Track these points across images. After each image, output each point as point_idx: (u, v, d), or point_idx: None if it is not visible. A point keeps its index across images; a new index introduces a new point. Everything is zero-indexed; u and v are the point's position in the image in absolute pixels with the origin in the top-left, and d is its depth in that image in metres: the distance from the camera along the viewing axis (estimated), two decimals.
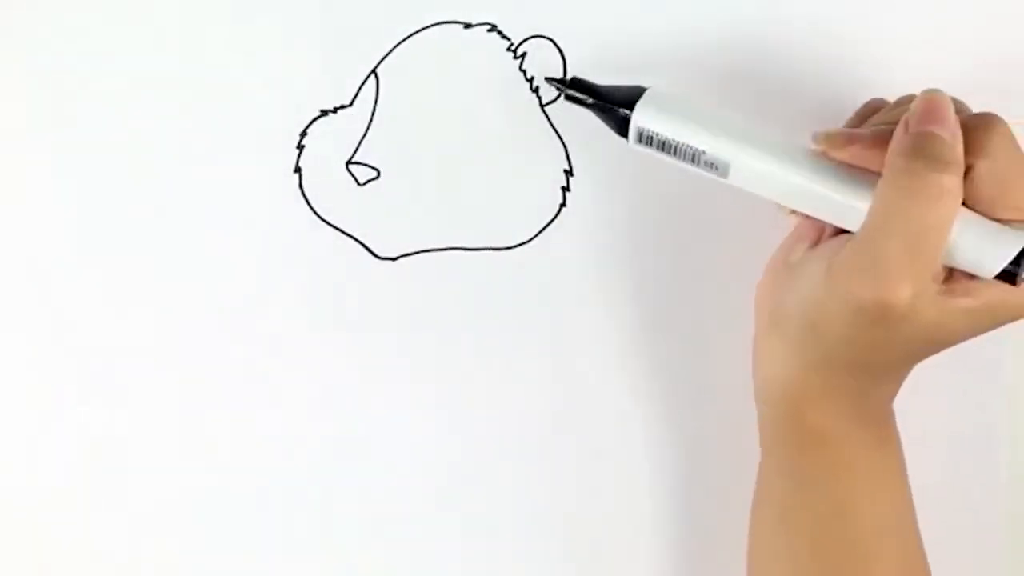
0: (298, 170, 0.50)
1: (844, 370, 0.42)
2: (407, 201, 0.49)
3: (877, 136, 0.41)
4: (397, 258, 0.50)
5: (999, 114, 0.41)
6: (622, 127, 0.44)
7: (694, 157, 0.43)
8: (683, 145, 0.43)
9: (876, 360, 0.42)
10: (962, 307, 0.40)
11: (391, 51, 0.49)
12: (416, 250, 0.50)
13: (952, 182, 0.38)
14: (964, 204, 0.40)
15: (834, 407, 0.43)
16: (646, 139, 0.43)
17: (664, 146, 0.43)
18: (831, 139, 0.41)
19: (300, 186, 0.50)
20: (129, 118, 0.49)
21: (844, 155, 0.41)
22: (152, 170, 0.50)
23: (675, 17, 0.49)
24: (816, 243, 0.44)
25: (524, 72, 0.49)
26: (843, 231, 0.42)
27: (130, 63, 0.49)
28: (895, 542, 0.44)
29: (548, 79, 0.47)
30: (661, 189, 0.49)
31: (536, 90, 0.49)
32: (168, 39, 0.49)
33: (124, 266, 0.50)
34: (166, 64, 0.49)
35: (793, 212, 0.43)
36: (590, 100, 0.45)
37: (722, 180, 0.43)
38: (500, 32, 0.49)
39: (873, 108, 0.46)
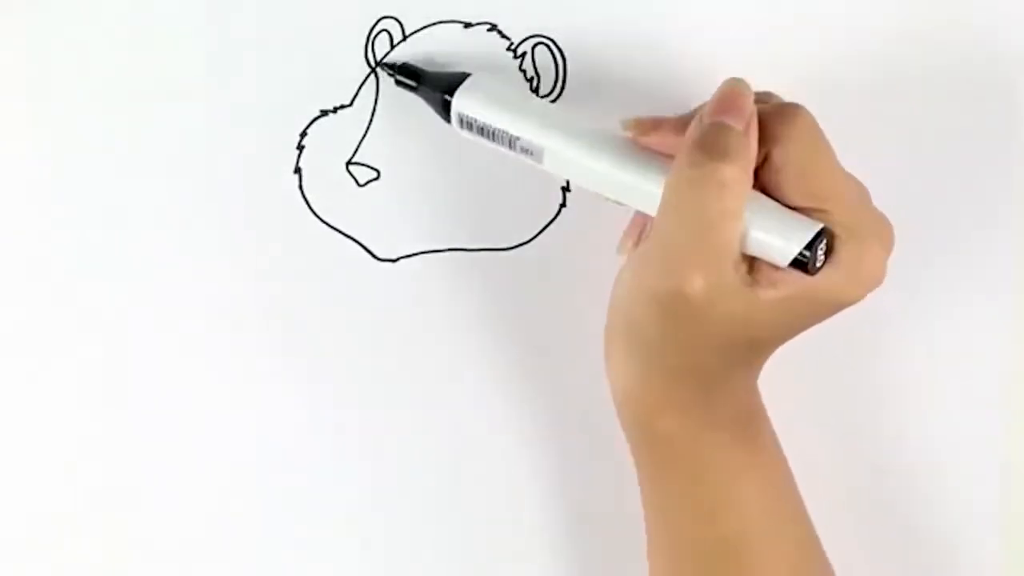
0: (298, 170, 0.50)
1: (671, 374, 0.42)
2: (407, 201, 0.49)
3: (683, 121, 0.41)
4: (397, 259, 0.50)
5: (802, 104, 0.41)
6: (446, 112, 0.45)
7: (510, 142, 0.44)
8: (499, 131, 0.44)
9: (694, 360, 0.42)
10: (768, 298, 0.40)
11: (391, 50, 0.49)
12: (416, 251, 0.50)
13: (733, 172, 0.38)
14: (765, 193, 0.40)
15: (677, 412, 0.43)
16: (466, 124, 0.45)
17: (483, 131, 0.45)
18: (639, 124, 0.42)
19: (300, 187, 0.50)
20: (128, 118, 0.49)
21: (651, 141, 0.41)
22: (152, 170, 0.50)
23: (675, 17, 0.49)
24: (636, 240, 0.44)
25: (524, 72, 0.49)
26: None
27: (130, 63, 0.49)
28: (777, 540, 0.44)
29: (381, 64, 0.48)
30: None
31: (536, 90, 0.49)
32: (168, 39, 0.49)
33: (123, 266, 0.50)
34: (166, 64, 0.49)
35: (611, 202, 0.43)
36: (415, 84, 0.47)
37: (539, 166, 0.44)
38: (500, 32, 0.49)
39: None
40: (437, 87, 0.46)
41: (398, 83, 0.47)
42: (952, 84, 0.49)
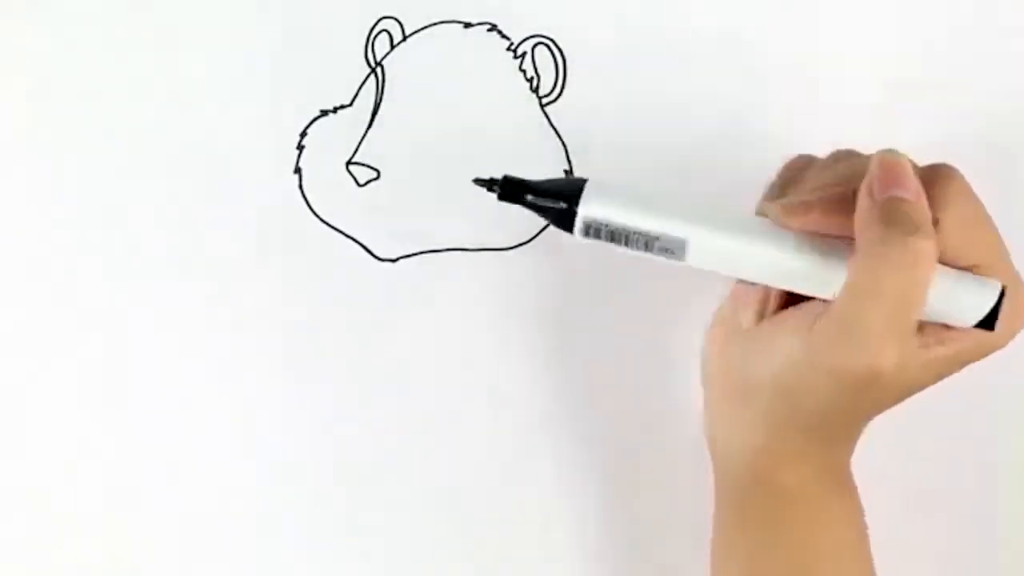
0: (298, 171, 0.50)
1: (817, 433, 0.43)
2: (407, 201, 0.49)
3: (832, 202, 0.41)
4: (397, 259, 0.50)
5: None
6: (565, 221, 0.41)
7: (647, 244, 0.41)
8: (635, 233, 0.41)
9: (853, 421, 0.43)
10: (938, 356, 0.40)
11: (391, 51, 0.49)
12: (416, 251, 0.50)
13: (926, 244, 0.38)
14: None
15: (804, 467, 0.43)
16: (594, 231, 0.41)
17: (614, 236, 0.41)
18: (788, 210, 0.41)
19: (300, 187, 0.50)
20: (128, 119, 0.49)
21: (801, 223, 0.41)
22: (152, 170, 0.50)
23: (675, 16, 0.49)
24: (760, 310, 0.44)
25: (524, 72, 0.49)
26: (791, 296, 0.42)
27: (130, 63, 0.49)
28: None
29: (477, 180, 0.43)
30: (661, 190, 0.49)
31: (536, 90, 0.49)
32: (168, 39, 0.49)
33: (123, 266, 0.50)
34: (166, 64, 0.49)
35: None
36: (529, 199, 0.42)
37: (678, 263, 0.41)
38: (500, 32, 0.49)
39: (799, 167, 0.45)
40: (553, 197, 0.41)
41: (501, 198, 0.42)
42: None
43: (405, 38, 0.49)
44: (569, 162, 0.49)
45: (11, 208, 0.50)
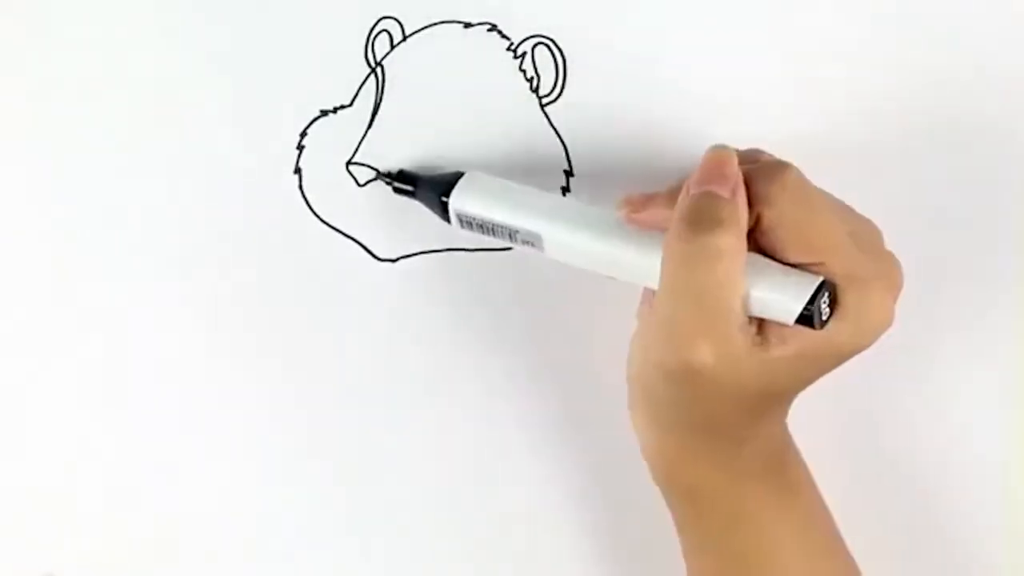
0: (298, 171, 0.50)
1: (689, 432, 0.43)
2: (407, 201, 0.49)
3: (672, 195, 0.41)
4: (397, 259, 0.50)
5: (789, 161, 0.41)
6: (445, 212, 0.46)
7: (511, 235, 0.45)
8: (498, 225, 0.45)
9: (713, 420, 0.42)
10: (778, 356, 0.40)
11: (391, 51, 0.49)
12: (416, 251, 0.50)
13: (727, 241, 0.38)
14: (761, 253, 0.40)
15: (700, 465, 0.43)
16: (466, 223, 0.46)
17: (483, 227, 0.45)
18: (630, 202, 0.42)
19: (300, 187, 0.50)
20: (128, 119, 0.49)
21: (644, 217, 0.42)
22: (152, 170, 0.50)
23: (675, 16, 0.49)
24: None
25: (524, 72, 0.49)
26: None
27: (129, 63, 0.49)
28: None
29: (379, 173, 0.49)
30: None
31: (536, 90, 0.49)
32: (168, 39, 0.49)
33: (123, 266, 0.50)
34: (166, 64, 0.49)
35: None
36: (412, 190, 0.47)
37: (542, 254, 0.44)
38: (500, 32, 0.49)
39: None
40: (433, 190, 0.46)
41: (396, 190, 0.48)
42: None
43: (405, 38, 0.49)
44: (569, 162, 0.49)
45: (11, 208, 0.50)
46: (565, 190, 0.49)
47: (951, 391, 0.51)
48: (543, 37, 0.49)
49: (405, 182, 0.48)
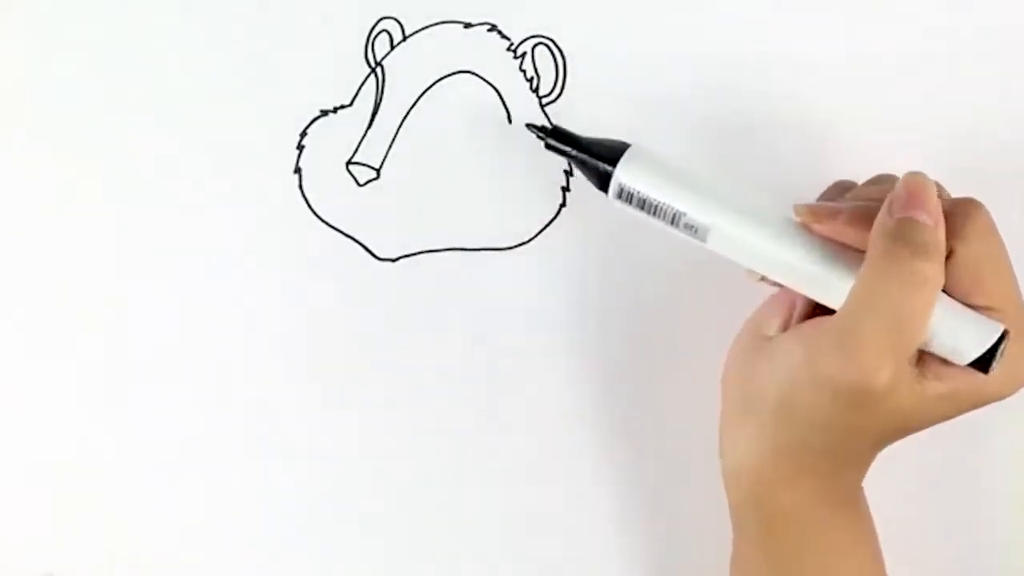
0: (298, 170, 0.50)
1: (816, 453, 0.42)
2: (407, 201, 0.49)
3: (859, 213, 0.41)
4: (397, 259, 0.50)
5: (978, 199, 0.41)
6: (603, 182, 0.43)
7: (674, 218, 0.42)
8: (664, 205, 0.42)
9: (849, 445, 0.42)
10: (934, 392, 0.40)
11: (391, 51, 0.49)
12: (416, 251, 0.50)
13: (933, 270, 0.38)
14: (944, 289, 0.40)
15: (804, 488, 0.43)
16: (626, 196, 0.42)
17: (644, 205, 0.42)
18: (814, 212, 0.41)
19: (300, 187, 0.50)
20: (129, 119, 0.50)
21: (825, 229, 0.41)
22: (152, 170, 0.50)
23: (675, 16, 0.49)
24: (787, 319, 0.44)
25: (524, 72, 0.49)
26: (818, 308, 0.42)
27: (130, 63, 0.49)
28: None
29: (529, 125, 0.45)
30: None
31: (536, 90, 0.49)
32: (168, 40, 0.49)
33: (123, 267, 0.50)
34: (166, 65, 0.49)
35: (763, 279, 0.43)
36: (572, 152, 0.44)
37: (700, 244, 0.42)
38: (500, 32, 0.49)
39: (842, 188, 0.46)
40: (597, 156, 0.43)
41: (548, 147, 0.44)
42: None
43: (405, 38, 0.49)
44: (569, 162, 0.49)
45: (11, 208, 0.50)
46: (565, 190, 0.49)
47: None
48: (543, 37, 0.49)
49: (562, 141, 0.44)
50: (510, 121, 0.49)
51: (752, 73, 0.49)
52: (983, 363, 0.39)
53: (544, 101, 0.49)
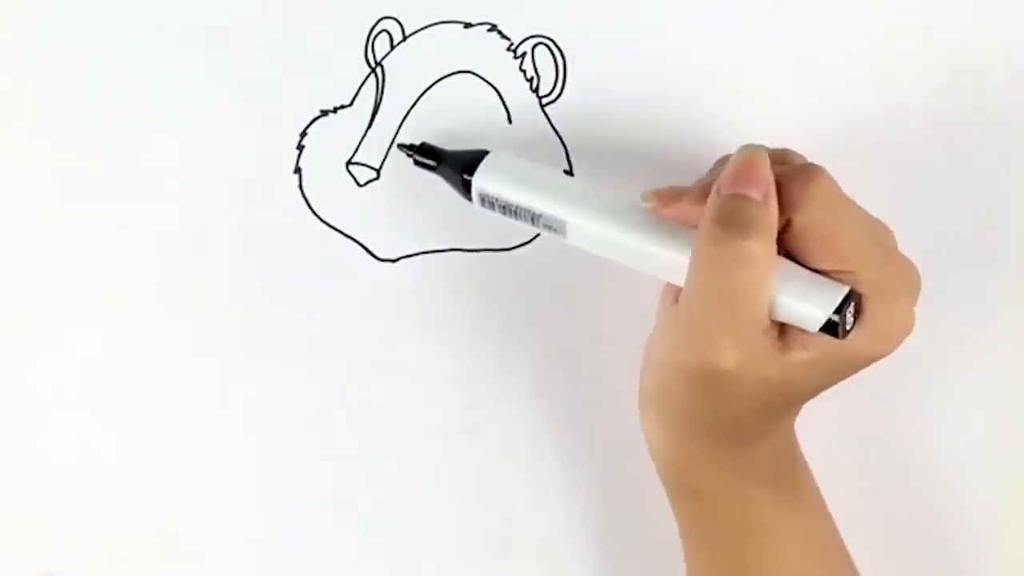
0: (298, 170, 0.50)
1: (704, 434, 0.42)
2: (407, 202, 0.49)
3: (702, 191, 0.40)
4: (397, 259, 0.50)
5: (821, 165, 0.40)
6: (467, 191, 0.45)
7: (533, 219, 0.44)
8: (521, 208, 0.44)
9: (730, 424, 0.42)
10: (801, 360, 0.40)
11: (391, 51, 0.49)
12: (416, 251, 0.50)
13: (758, 246, 0.38)
14: (790, 257, 0.40)
15: (710, 469, 0.43)
16: (488, 203, 0.45)
17: (505, 209, 0.44)
18: (659, 196, 0.41)
19: (300, 187, 0.50)
20: (129, 119, 0.49)
21: (671, 212, 0.41)
22: (152, 170, 0.50)
23: (675, 16, 0.49)
24: (676, 294, 0.43)
25: (524, 72, 0.49)
26: None
27: (130, 63, 0.49)
28: None
29: (400, 146, 0.48)
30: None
31: (536, 90, 0.49)
32: (168, 40, 0.49)
33: (123, 267, 0.50)
34: (166, 65, 0.49)
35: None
36: (435, 164, 0.46)
37: (564, 241, 0.44)
38: (500, 32, 0.49)
39: (722, 162, 0.45)
40: (456, 167, 0.45)
41: (417, 163, 0.47)
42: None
43: (405, 38, 0.49)
44: (569, 162, 0.49)
45: (11, 208, 0.50)
46: None
47: (951, 393, 0.51)
48: (543, 37, 0.49)
49: (427, 156, 0.47)
50: (510, 121, 0.49)
51: (753, 73, 0.49)
52: (833, 327, 0.39)
53: (544, 101, 0.49)
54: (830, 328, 0.39)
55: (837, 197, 0.40)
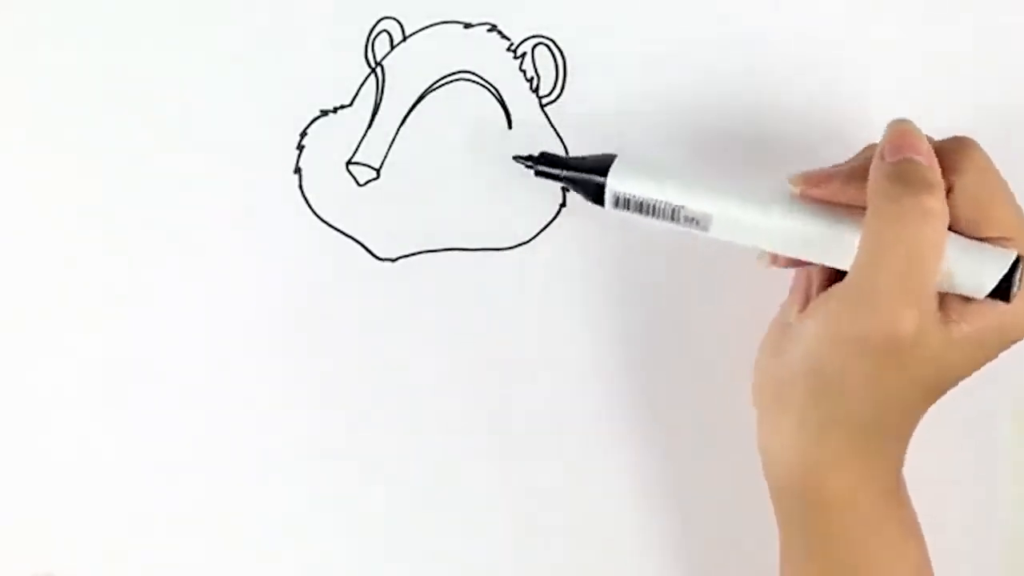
0: (298, 170, 0.50)
1: (857, 427, 0.41)
2: (407, 201, 0.49)
3: (853, 171, 0.41)
4: (397, 259, 0.50)
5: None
6: (598, 194, 0.44)
7: (673, 214, 0.43)
8: (661, 203, 0.43)
9: (889, 408, 0.41)
10: (961, 334, 0.40)
11: (391, 51, 0.49)
12: (416, 251, 0.50)
13: (936, 202, 0.38)
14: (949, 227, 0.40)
15: (849, 474, 0.41)
16: (623, 203, 0.44)
17: (642, 207, 0.43)
18: (808, 178, 0.41)
19: (300, 187, 0.50)
20: (129, 119, 0.50)
21: (822, 192, 0.41)
22: (152, 170, 0.50)
23: (675, 16, 0.49)
24: (804, 303, 0.43)
25: (524, 72, 0.49)
26: (833, 282, 0.42)
27: (130, 63, 0.49)
28: None
29: (516, 157, 0.47)
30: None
31: (536, 90, 0.49)
32: (168, 40, 0.49)
33: (123, 267, 0.50)
34: (166, 65, 0.49)
35: (773, 263, 0.43)
36: (563, 173, 0.45)
37: (704, 234, 0.43)
38: (500, 32, 0.49)
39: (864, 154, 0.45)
40: (586, 171, 0.45)
41: (539, 174, 0.46)
42: None
43: (405, 38, 0.49)
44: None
45: (11, 208, 0.50)
46: (565, 190, 0.49)
47: (953, 392, 0.51)
48: (543, 37, 0.49)
49: (550, 164, 0.46)
50: (510, 121, 0.49)
51: (753, 73, 0.49)
52: (1003, 293, 0.39)
53: (544, 101, 0.49)
54: (1000, 294, 0.39)
55: (991, 167, 0.41)
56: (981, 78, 0.50)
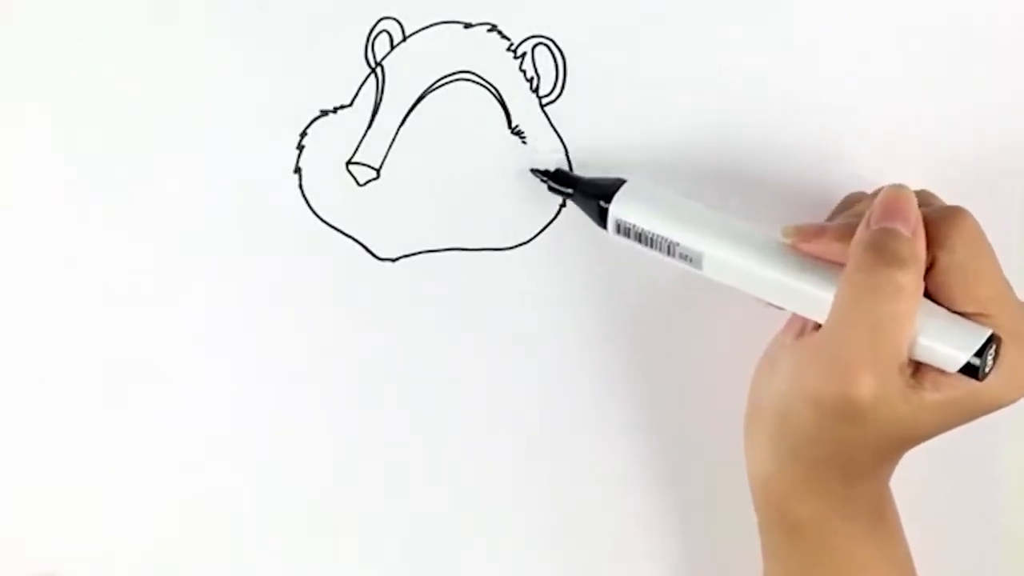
0: (298, 170, 0.50)
1: (818, 465, 0.42)
2: (407, 201, 0.49)
3: (845, 229, 0.41)
4: (397, 259, 0.50)
5: (966, 208, 0.41)
6: (601, 218, 0.45)
7: (669, 248, 0.44)
8: (658, 237, 0.44)
9: (848, 457, 0.42)
10: (931, 401, 0.40)
11: (391, 51, 0.49)
12: (416, 251, 0.50)
13: (908, 279, 0.38)
14: (929, 297, 0.40)
15: (816, 500, 0.43)
16: (623, 230, 0.45)
17: (641, 237, 0.45)
18: (800, 232, 0.42)
19: (300, 187, 0.50)
20: (128, 118, 0.49)
21: (812, 247, 0.41)
22: (152, 170, 0.50)
23: (675, 16, 0.49)
24: (800, 331, 0.44)
25: (524, 72, 0.49)
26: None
27: (130, 63, 0.49)
28: None
29: (533, 171, 0.48)
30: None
31: (536, 90, 0.49)
32: (168, 39, 0.49)
33: (123, 267, 0.50)
34: (166, 64, 0.49)
35: (769, 304, 0.44)
36: (572, 192, 0.47)
37: (697, 272, 0.44)
38: (500, 32, 0.49)
39: (852, 201, 0.46)
40: (593, 194, 0.46)
41: (551, 189, 0.48)
42: None
43: (405, 38, 0.49)
44: (569, 162, 0.49)
45: (11, 208, 0.50)
46: None
47: None
48: (543, 37, 0.49)
49: (562, 182, 0.47)
50: (510, 121, 0.49)
51: (754, 73, 0.49)
52: (973, 369, 0.39)
53: (544, 101, 0.49)
54: (969, 370, 0.39)
55: (982, 240, 0.41)
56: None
